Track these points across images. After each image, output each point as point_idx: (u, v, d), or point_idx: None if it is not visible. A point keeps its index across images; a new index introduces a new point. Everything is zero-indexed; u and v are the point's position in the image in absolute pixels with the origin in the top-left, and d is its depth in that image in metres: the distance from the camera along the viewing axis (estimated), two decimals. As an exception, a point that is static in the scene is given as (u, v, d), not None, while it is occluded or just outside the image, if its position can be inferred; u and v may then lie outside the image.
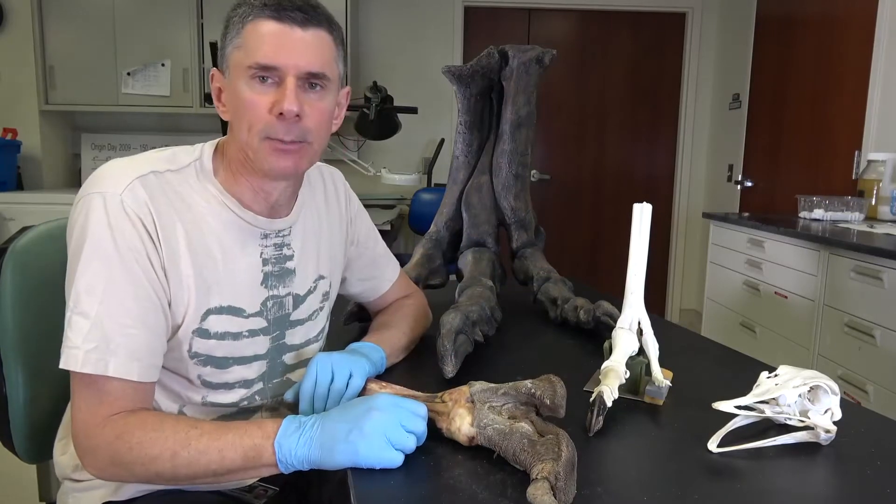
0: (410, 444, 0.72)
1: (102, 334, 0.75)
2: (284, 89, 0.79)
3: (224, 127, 3.20)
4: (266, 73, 0.79)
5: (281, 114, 0.79)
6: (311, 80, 0.82)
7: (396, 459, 0.70)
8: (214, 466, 0.73)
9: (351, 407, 0.75)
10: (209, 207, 0.85)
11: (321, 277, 1.00)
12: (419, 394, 0.81)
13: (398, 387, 0.85)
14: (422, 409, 0.75)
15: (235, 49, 0.81)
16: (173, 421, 0.77)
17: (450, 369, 0.95)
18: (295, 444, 0.72)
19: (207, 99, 3.52)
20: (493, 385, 0.77)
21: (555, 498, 0.61)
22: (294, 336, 0.96)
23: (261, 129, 0.81)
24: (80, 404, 0.77)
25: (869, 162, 2.57)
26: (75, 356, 0.74)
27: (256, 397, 0.93)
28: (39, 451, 1.02)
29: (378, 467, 0.70)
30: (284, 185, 0.89)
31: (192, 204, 0.84)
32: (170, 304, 0.82)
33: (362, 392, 0.86)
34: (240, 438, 0.73)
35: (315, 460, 0.72)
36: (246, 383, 0.91)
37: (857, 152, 2.84)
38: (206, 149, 0.88)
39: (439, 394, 0.79)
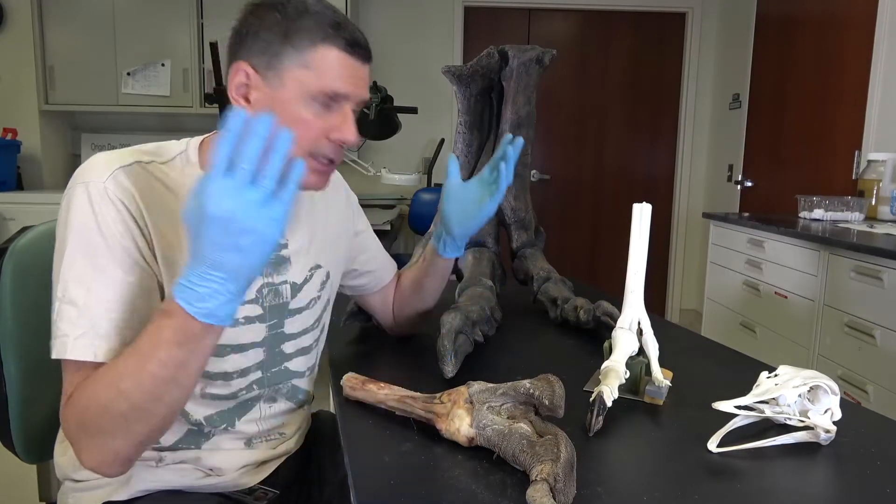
0: (265, 185, 0.64)
1: (91, 321, 0.75)
2: (343, 117, 0.84)
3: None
4: (333, 101, 0.83)
5: (342, 141, 0.84)
6: (356, 109, 0.86)
7: (276, 214, 0.65)
8: (157, 369, 0.68)
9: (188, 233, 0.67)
10: None
11: (318, 266, 1.00)
12: (418, 394, 0.81)
13: (396, 387, 0.85)
14: (237, 120, 0.63)
15: (301, 67, 0.81)
16: (103, 368, 0.72)
17: (450, 369, 0.95)
18: (184, 282, 0.67)
19: (207, 99, 3.50)
20: (491, 385, 0.77)
21: (554, 499, 0.61)
22: (293, 325, 0.96)
23: (308, 147, 0.83)
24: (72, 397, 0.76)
25: (869, 162, 2.57)
26: (64, 343, 0.74)
27: (254, 387, 0.93)
28: (39, 451, 1.03)
29: (267, 228, 0.65)
30: None
31: (178, 191, 0.84)
32: (162, 291, 0.81)
33: (355, 390, 0.86)
34: (154, 331, 0.69)
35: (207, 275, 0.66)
36: (243, 372, 0.91)
37: (857, 152, 2.84)
38: (191, 143, 0.89)
39: (438, 394, 0.79)
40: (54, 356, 0.75)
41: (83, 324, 0.74)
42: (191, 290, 0.66)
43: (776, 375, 0.81)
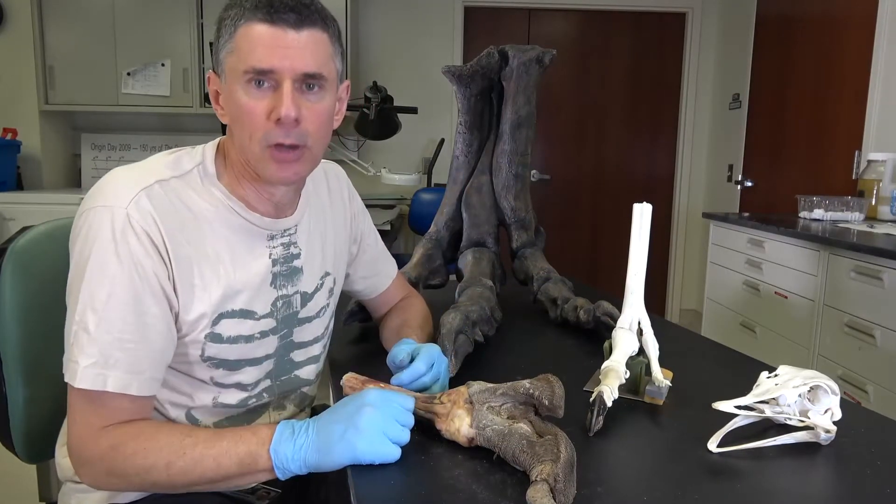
0: (405, 437, 0.73)
1: (101, 349, 0.75)
2: (281, 94, 0.77)
3: (224, 127, 3.17)
4: (262, 77, 0.78)
5: (279, 119, 0.78)
6: (308, 82, 0.80)
7: (394, 453, 0.72)
8: (210, 474, 0.74)
9: (342, 406, 0.75)
10: (215, 212, 0.84)
11: (327, 274, 1.00)
12: (417, 394, 0.81)
13: (394, 386, 0.85)
14: (410, 403, 0.77)
15: (229, 54, 0.79)
16: (168, 430, 0.77)
17: (450, 369, 0.95)
18: (291, 449, 0.72)
19: (207, 99, 3.50)
20: (491, 385, 0.77)
21: (554, 499, 0.61)
22: (302, 333, 0.96)
23: (261, 136, 0.79)
24: (76, 417, 0.76)
25: (869, 162, 2.57)
26: (74, 370, 0.74)
27: (264, 394, 0.93)
28: (39, 451, 1.03)
29: (377, 462, 0.71)
30: (286, 188, 0.89)
31: (198, 210, 0.83)
32: (178, 316, 0.81)
33: (355, 389, 0.86)
34: (234, 446, 0.73)
35: (312, 463, 0.72)
36: (255, 383, 0.91)
37: (857, 152, 2.84)
38: (207, 151, 0.87)
39: (438, 394, 0.79)
40: (66, 380, 0.76)
41: (93, 352, 0.74)
42: (290, 444, 0.73)
43: (776, 375, 0.81)
